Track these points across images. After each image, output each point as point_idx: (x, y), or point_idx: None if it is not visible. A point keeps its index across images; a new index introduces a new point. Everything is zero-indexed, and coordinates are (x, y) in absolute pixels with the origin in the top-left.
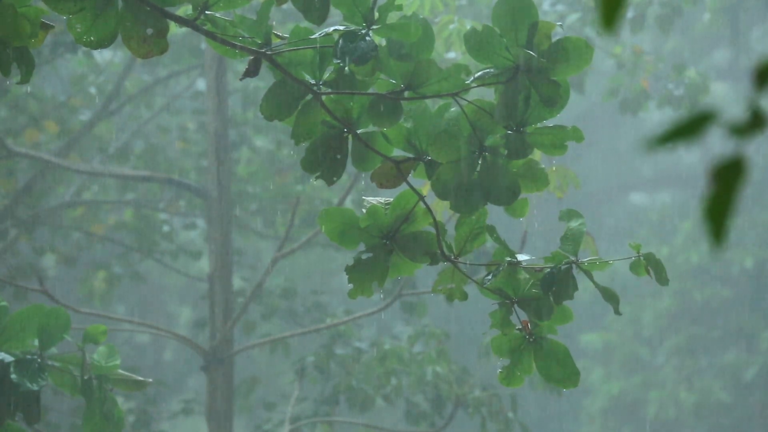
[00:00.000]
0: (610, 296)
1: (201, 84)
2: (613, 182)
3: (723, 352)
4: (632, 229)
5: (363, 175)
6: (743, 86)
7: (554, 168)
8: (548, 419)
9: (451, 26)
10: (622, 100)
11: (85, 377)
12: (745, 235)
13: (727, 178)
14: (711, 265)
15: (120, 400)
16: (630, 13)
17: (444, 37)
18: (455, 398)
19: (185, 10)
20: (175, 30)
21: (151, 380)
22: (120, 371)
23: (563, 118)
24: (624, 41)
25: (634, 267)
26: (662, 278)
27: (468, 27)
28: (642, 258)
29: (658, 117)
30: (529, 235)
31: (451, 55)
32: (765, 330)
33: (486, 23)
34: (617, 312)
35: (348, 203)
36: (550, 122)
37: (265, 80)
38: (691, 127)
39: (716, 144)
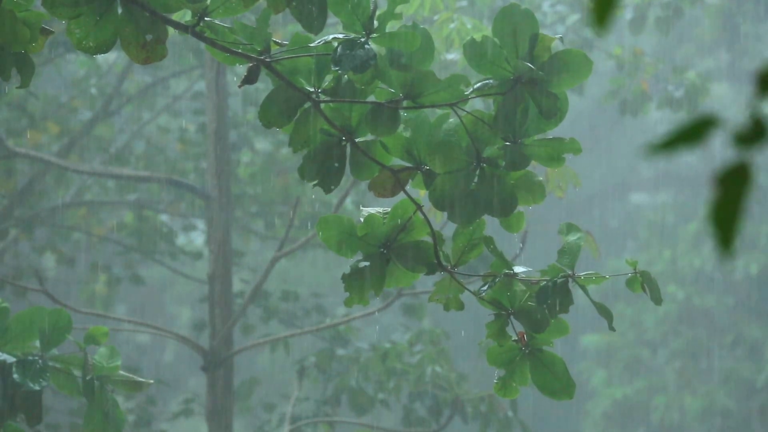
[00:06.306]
0: (604, 312)
1: (201, 85)
2: (613, 182)
3: (726, 357)
4: (632, 230)
5: None
6: (743, 87)
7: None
8: (550, 421)
9: (451, 25)
10: (622, 102)
11: (87, 378)
12: (750, 241)
13: (732, 184)
14: (714, 271)
15: (120, 400)
16: (629, 15)
17: (443, 35)
18: (455, 398)
19: (183, 15)
20: (174, 31)
21: (152, 381)
22: (121, 372)
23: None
24: (624, 43)
25: (630, 283)
26: (656, 297)
27: (468, 25)
28: (638, 275)
29: (658, 116)
30: (528, 234)
31: (451, 56)
32: None
33: (486, 23)
34: (611, 328)
35: (348, 203)
36: (548, 134)
37: (265, 81)
38: (692, 133)
39: (717, 144)
